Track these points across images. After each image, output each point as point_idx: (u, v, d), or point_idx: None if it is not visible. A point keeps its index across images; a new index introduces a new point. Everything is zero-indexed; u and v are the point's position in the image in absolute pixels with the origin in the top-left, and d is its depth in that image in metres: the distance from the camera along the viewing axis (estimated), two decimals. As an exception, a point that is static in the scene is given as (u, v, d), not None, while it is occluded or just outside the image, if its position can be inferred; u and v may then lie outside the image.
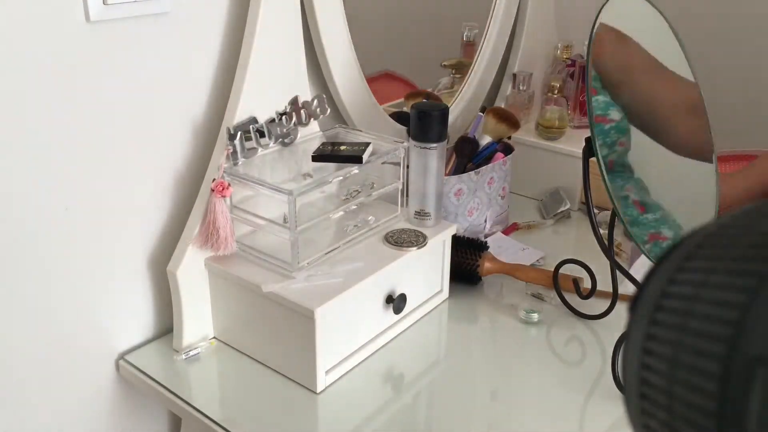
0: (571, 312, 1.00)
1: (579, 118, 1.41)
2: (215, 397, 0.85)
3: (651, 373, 0.30)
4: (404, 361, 0.92)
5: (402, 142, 0.98)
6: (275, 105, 0.93)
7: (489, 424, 0.81)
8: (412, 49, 1.31)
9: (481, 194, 1.17)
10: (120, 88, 0.82)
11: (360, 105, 1.09)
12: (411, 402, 0.85)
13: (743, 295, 0.27)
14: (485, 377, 0.88)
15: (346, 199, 0.93)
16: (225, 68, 0.92)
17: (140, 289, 0.92)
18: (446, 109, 0.98)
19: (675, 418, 0.29)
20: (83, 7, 0.75)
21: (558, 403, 0.84)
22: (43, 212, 0.79)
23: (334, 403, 0.83)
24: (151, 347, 0.93)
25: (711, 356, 0.27)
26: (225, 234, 0.86)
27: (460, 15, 1.40)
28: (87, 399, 0.90)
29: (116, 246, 0.87)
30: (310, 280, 0.85)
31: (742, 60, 1.52)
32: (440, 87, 1.37)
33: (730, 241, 0.29)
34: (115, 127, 0.83)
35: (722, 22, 1.52)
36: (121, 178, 0.85)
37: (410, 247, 0.93)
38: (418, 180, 0.99)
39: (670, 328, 0.29)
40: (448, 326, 1.00)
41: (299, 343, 0.83)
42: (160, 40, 0.84)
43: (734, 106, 1.50)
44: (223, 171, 0.86)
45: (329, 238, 0.92)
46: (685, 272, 0.30)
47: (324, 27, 0.99)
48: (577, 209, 1.34)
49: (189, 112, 0.90)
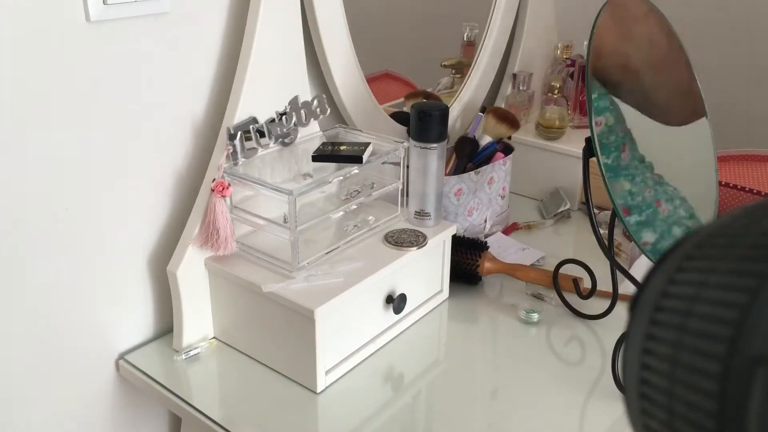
0: (571, 312, 1.00)
1: (579, 118, 1.41)
2: (215, 397, 0.85)
3: (651, 373, 0.30)
4: (404, 361, 0.92)
5: (402, 142, 0.98)
6: (275, 105, 0.93)
7: (489, 424, 0.81)
8: (412, 49, 1.31)
9: (481, 194, 1.17)
10: (120, 88, 0.82)
11: (360, 105, 1.09)
12: (411, 402, 0.85)
13: (743, 295, 0.27)
14: (485, 377, 0.88)
15: (346, 199, 0.93)
16: (225, 68, 0.92)
17: (140, 289, 0.92)
18: (446, 109, 0.98)
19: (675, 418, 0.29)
20: (83, 7, 0.75)
21: (558, 403, 0.84)
22: (43, 212, 0.79)
23: (334, 403, 0.83)
24: (151, 347, 0.93)
25: (711, 356, 0.27)
26: (225, 234, 0.86)
27: (460, 15, 1.40)
28: (87, 399, 0.90)
29: (116, 246, 0.87)
30: (310, 280, 0.85)
31: (742, 60, 1.52)
32: (440, 87, 1.37)
33: (730, 241, 0.29)
34: (115, 127, 0.83)
35: (722, 22, 1.52)
36: (121, 178, 0.85)
37: (410, 247, 0.93)
38: (418, 180, 0.99)
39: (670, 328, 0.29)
40: (448, 326, 1.00)
41: (299, 343, 0.83)
42: (160, 40, 0.84)
43: (734, 106, 1.50)
44: (223, 171, 0.86)
45: (329, 238, 0.92)
46: (685, 272, 0.30)
47: (324, 27, 0.99)
48: (577, 209, 1.34)
49: (189, 112, 0.90)
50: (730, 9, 1.50)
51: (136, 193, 0.87)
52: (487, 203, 1.19)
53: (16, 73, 0.73)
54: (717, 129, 0.96)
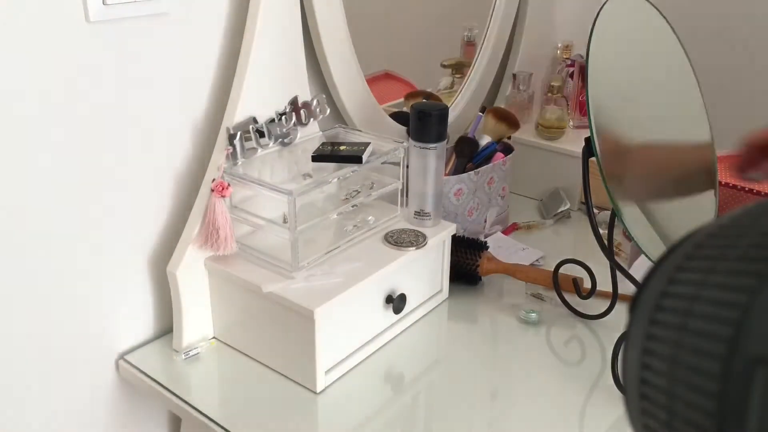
0: (571, 312, 1.00)
1: (579, 118, 1.41)
2: (215, 397, 0.85)
3: (651, 373, 0.30)
4: (404, 361, 0.92)
5: (402, 142, 0.98)
6: (275, 105, 0.93)
7: (489, 424, 0.81)
8: (412, 49, 1.31)
9: (481, 194, 1.17)
10: (119, 88, 0.82)
11: (360, 105, 1.09)
12: (411, 402, 0.85)
13: (743, 295, 0.27)
14: (485, 377, 0.88)
15: (346, 199, 0.93)
16: (225, 68, 0.92)
17: (140, 289, 0.92)
18: (446, 109, 0.98)
19: (675, 418, 0.29)
20: (83, 7, 0.75)
21: (558, 403, 0.84)
22: (43, 212, 0.79)
23: (334, 403, 0.83)
24: (151, 347, 0.93)
25: (711, 356, 0.27)
26: (225, 234, 0.86)
27: (460, 15, 1.40)
28: (87, 399, 0.90)
29: (116, 246, 0.87)
30: (310, 280, 0.85)
31: (742, 60, 1.52)
32: (440, 87, 1.37)
33: (730, 241, 0.29)
34: (115, 127, 0.83)
35: (722, 22, 1.52)
36: (120, 178, 0.85)
37: (410, 247, 0.93)
38: (417, 180, 0.99)
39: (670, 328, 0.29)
40: (448, 326, 1.00)
41: (299, 343, 0.83)
42: (160, 40, 0.84)
43: (734, 106, 1.50)
44: (223, 171, 0.86)
45: (329, 238, 0.92)
46: (685, 272, 0.30)
47: (324, 27, 0.99)
48: (577, 209, 1.34)
49: (189, 112, 0.90)
50: (730, 9, 1.50)
51: (136, 192, 0.87)
52: (487, 203, 1.19)
53: (15, 73, 0.72)
54: (717, 129, 0.96)
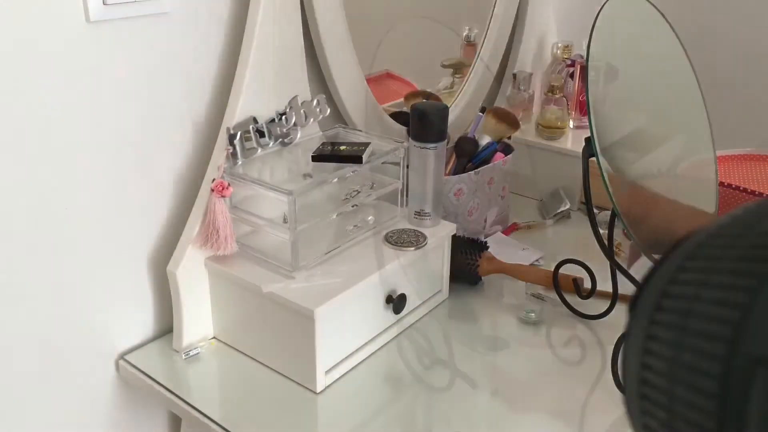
0: (571, 312, 1.00)
1: (579, 118, 1.41)
2: (215, 397, 0.85)
3: (651, 373, 0.30)
4: (404, 361, 0.92)
5: (402, 142, 0.98)
6: (275, 105, 0.93)
7: (489, 424, 0.81)
8: (412, 49, 1.30)
9: (481, 194, 1.17)
10: (120, 88, 0.82)
11: (360, 105, 1.09)
12: (411, 402, 0.85)
13: (743, 295, 0.27)
14: (485, 377, 0.88)
15: (346, 199, 0.93)
16: (225, 68, 0.92)
17: (140, 289, 0.92)
18: (446, 109, 0.98)
19: (675, 418, 0.29)
20: (83, 7, 0.75)
21: (558, 403, 0.84)
22: (43, 212, 0.79)
23: (334, 403, 0.83)
24: (151, 347, 0.93)
25: (711, 356, 0.27)
26: (225, 234, 0.86)
27: (460, 15, 1.40)
28: (87, 399, 0.90)
29: (116, 246, 0.87)
30: (310, 280, 0.85)
31: (742, 60, 1.52)
32: (440, 87, 1.37)
33: (731, 242, 0.29)
34: (115, 127, 0.83)
35: (722, 21, 1.52)
36: (120, 178, 0.85)
37: (410, 247, 0.93)
38: (417, 180, 0.99)
39: (670, 328, 0.29)
40: (448, 326, 1.00)
41: (299, 343, 0.83)
42: (160, 40, 0.84)
43: (734, 106, 1.50)
44: (223, 171, 0.86)
45: (329, 238, 0.92)
46: (686, 272, 0.30)
47: (324, 27, 0.99)
48: (577, 209, 1.34)
49: (189, 111, 0.90)
50: (730, 9, 1.50)
51: (135, 192, 0.87)
52: (487, 203, 1.19)
53: (15, 73, 0.72)
54: (717, 129, 0.96)
